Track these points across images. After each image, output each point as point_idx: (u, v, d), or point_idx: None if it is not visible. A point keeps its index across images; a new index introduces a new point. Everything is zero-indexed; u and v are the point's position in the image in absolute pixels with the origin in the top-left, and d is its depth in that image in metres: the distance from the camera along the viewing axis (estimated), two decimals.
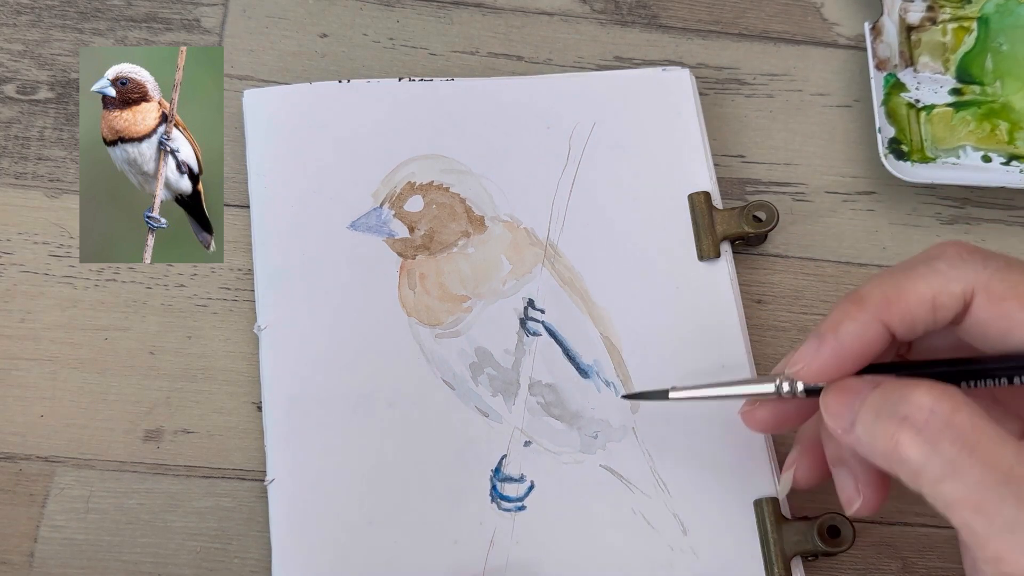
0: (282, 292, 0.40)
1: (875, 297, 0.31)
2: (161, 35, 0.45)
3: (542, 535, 0.37)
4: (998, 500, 0.27)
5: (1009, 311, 0.30)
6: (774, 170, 0.45)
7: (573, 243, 0.41)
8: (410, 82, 0.44)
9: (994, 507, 0.27)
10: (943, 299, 0.30)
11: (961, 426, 0.28)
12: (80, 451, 0.38)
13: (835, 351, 0.31)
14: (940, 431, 0.28)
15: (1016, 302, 0.30)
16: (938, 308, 0.31)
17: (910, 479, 0.28)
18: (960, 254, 0.31)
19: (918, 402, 0.28)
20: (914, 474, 0.28)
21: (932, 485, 0.28)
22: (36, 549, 0.37)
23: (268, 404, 0.38)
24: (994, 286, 0.30)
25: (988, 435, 0.28)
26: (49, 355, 0.40)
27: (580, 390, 0.39)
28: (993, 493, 0.27)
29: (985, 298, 0.30)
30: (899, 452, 0.28)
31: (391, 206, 0.41)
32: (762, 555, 0.37)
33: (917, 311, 0.31)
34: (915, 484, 0.28)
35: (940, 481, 0.28)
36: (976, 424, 0.28)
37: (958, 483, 0.27)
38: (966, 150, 0.44)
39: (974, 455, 0.27)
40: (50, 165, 0.42)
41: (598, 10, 0.47)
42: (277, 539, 0.36)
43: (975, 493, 0.27)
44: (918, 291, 0.31)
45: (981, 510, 0.27)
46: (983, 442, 0.27)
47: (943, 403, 0.28)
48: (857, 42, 0.47)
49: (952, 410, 0.28)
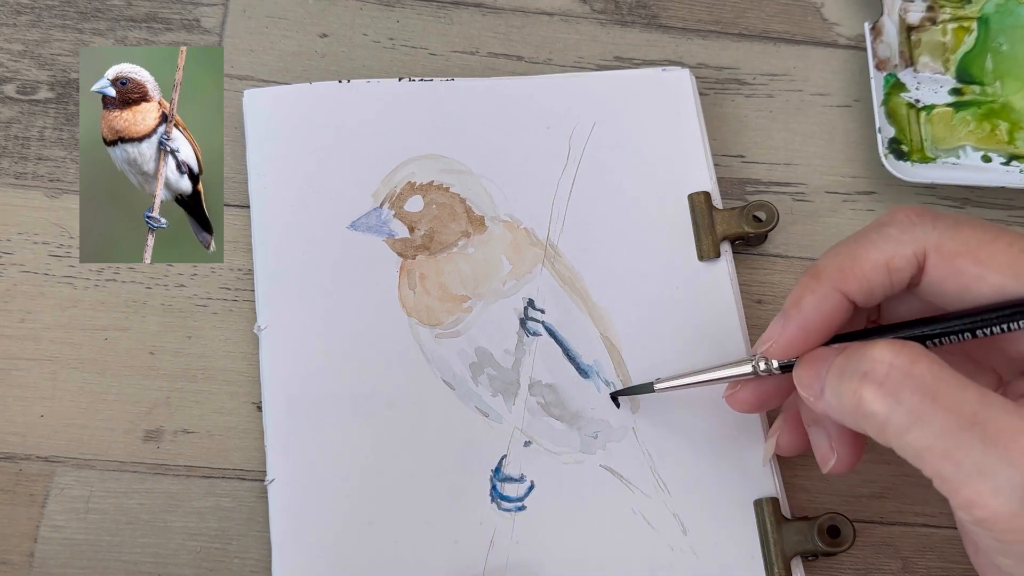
0: (282, 292, 0.40)
1: (831, 268, 0.32)
2: (161, 35, 0.45)
3: (542, 535, 0.37)
4: (964, 445, 0.27)
5: (962, 267, 0.30)
6: (774, 170, 0.45)
7: (573, 243, 0.41)
8: (410, 82, 0.44)
9: (961, 452, 0.27)
10: (897, 263, 0.31)
11: (921, 375, 0.28)
12: (80, 451, 0.38)
13: (799, 325, 0.32)
14: (901, 382, 0.28)
15: (968, 258, 0.30)
16: (893, 272, 0.31)
17: (878, 433, 0.29)
18: (910, 217, 0.31)
19: (878, 357, 0.29)
20: (880, 428, 0.28)
21: (899, 437, 0.28)
22: (36, 549, 0.37)
23: (268, 404, 0.38)
24: (945, 245, 0.30)
25: (949, 382, 0.28)
26: (49, 355, 0.40)
27: (580, 390, 0.39)
28: (959, 438, 0.27)
29: (937, 257, 0.31)
30: (863, 407, 0.28)
31: (391, 206, 0.41)
32: (762, 555, 0.37)
33: (873, 277, 0.31)
34: (883, 438, 0.29)
35: (906, 431, 0.28)
36: (936, 372, 0.28)
37: (923, 431, 0.27)
38: (966, 150, 0.44)
39: (936, 402, 0.27)
40: (50, 165, 0.42)
41: (598, 10, 0.47)
42: (277, 539, 0.37)
43: (941, 440, 0.27)
44: (871, 258, 0.31)
45: (949, 456, 0.27)
46: (944, 389, 0.28)
47: (902, 356, 0.28)
48: (857, 42, 0.47)
49: (911, 361, 0.28)
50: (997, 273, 0.30)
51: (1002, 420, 0.27)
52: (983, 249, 0.30)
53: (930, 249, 0.31)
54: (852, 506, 0.39)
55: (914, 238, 0.31)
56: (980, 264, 0.30)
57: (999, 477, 0.26)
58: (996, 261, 0.30)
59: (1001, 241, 0.30)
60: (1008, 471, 0.26)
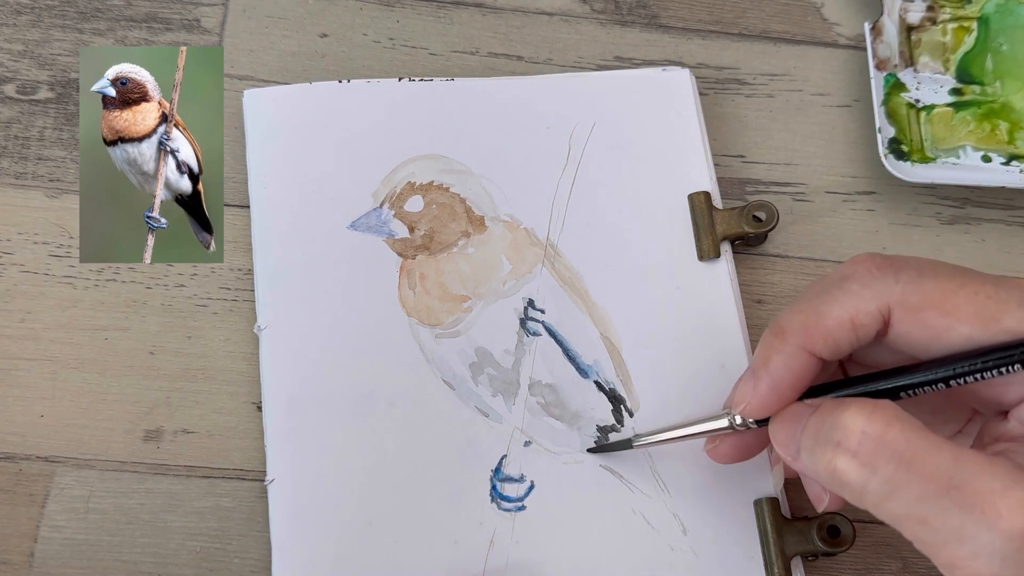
0: (282, 292, 0.40)
1: (794, 327, 0.31)
2: (161, 35, 0.45)
3: (542, 535, 0.37)
4: (942, 512, 0.27)
5: (928, 320, 0.30)
6: (774, 170, 0.45)
7: (573, 243, 0.41)
8: (410, 82, 0.44)
9: (939, 519, 0.27)
10: (861, 319, 0.30)
11: (894, 442, 0.28)
12: (80, 451, 0.38)
13: (770, 386, 0.31)
14: (874, 452, 0.28)
15: (933, 311, 0.30)
16: (858, 328, 0.31)
17: (855, 501, 0.29)
18: (870, 271, 0.31)
19: (850, 425, 0.28)
20: (858, 497, 0.28)
21: (876, 506, 0.28)
22: (36, 549, 0.37)
23: (268, 404, 0.38)
24: (909, 299, 0.30)
25: (923, 447, 0.27)
26: (49, 355, 0.40)
27: (580, 390, 0.39)
28: (935, 505, 0.27)
29: (902, 312, 0.30)
30: (839, 477, 0.28)
31: (391, 206, 0.41)
32: (762, 555, 0.37)
33: (838, 335, 0.31)
34: (861, 505, 0.29)
35: (883, 501, 0.28)
36: (909, 438, 0.28)
37: (900, 500, 0.27)
38: (966, 150, 0.44)
39: (911, 470, 0.27)
40: (50, 165, 0.42)
41: (598, 10, 0.47)
42: (277, 539, 0.37)
43: (918, 508, 0.27)
44: (835, 315, 0.31)
45: (927, 523, 0.27)
46: (919, 455, 0.27)
47: (874, 422, 0.28)
48: (857, 42, 0.47)
49: (884, 427, 0.28)
50: (964, 323, 0.29)
51: (978, 482, 0.27)
52: (948, 300, 0.30)
53: (894, 304, 0.30)
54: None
55: (877, 293, 0.30)
56: (946, 316, 0.29)
57: (979, 541, 0.26)
58: (962, 312, 0.29)
59: (966, 290, 0.30)
60: (987, 535, 0.26)
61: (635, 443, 0.36)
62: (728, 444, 0.35)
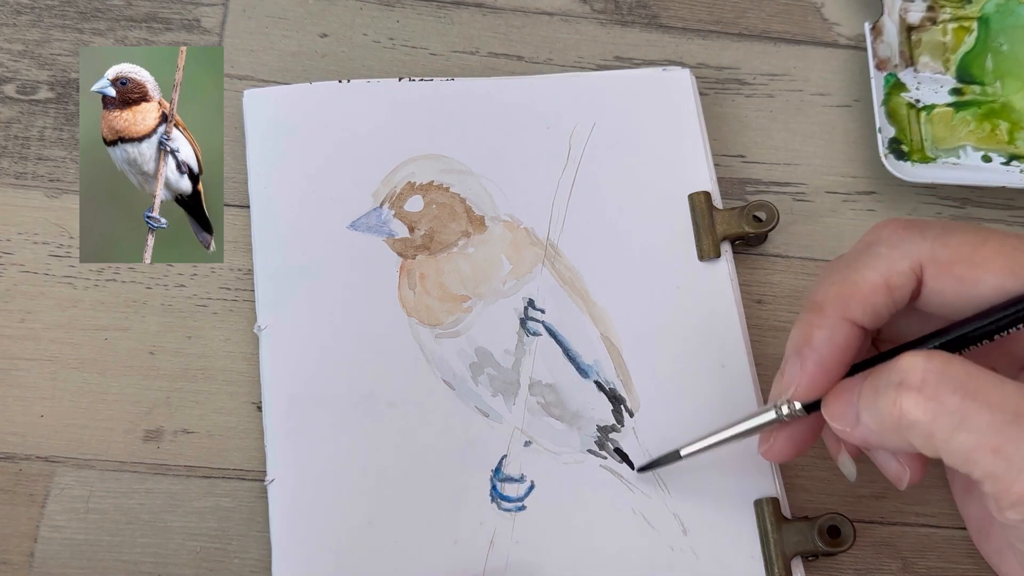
0: (282, 292, 0.40)
1: (831, 298, 0.31)
2: (161, 35, 0.45)
3: (542, 535, 0.37)
4: (1014, 438, 0.27)
5: (960, 274, 0.30)
6: (774, 170, 0.45)
7: (573, 243, 0.41)
8: (410, 82, 0.44)
9: (1012, 445, 0.27)
10: (895, 280, 0.31)
11: (957, 375, 0.28)
12: (80, 451, 0.38)
13: (817, 363, 0.31)
14: (939, 385, 0.28)
15: (964, 264, 0.30)
16: (894, 289, 0.31)
17: (924, 443, 0.28)
18: (896, 232, 0.31)
19: (909, 366, 0.28)
20: (926, 436, 0.28)
21: (946, 441, 0.28)
22: (36, 549, 0.37)
23: (268, 404, 0.38)
24: (939, 254, 0.30)
25: (986, 380, 0.28)
26: (49, 355, 0.40)
27: (580, 390, 0.39)
28: (1007, 432, 0.27)
29: (934, 268, 0.30)
30: (905, 417, 0.28)
31: (391, 206, 0.41)
32: (762, 555, 0.37)
33: (875, 299, 0.31)
34: (930, 447, 0.28)
35: (952, 434, 0.27)
36: (971, 372, 0.28)
37: (970, 431, 0.27)
38: (966, 150, 0.44)
39: (978, 399, 0.27)
40: (50, 165, 0.42)
41: (598, 10, 0.47)
42: (277, 539, 0.36)
43: (989, 436, 0.27)
44: (869, 280, 0.31)
45: (999, 451, 0.27)
46: (983, 387, 0.27)
47: (933, 360, 0.28)
48: (857, 42, 0.47)
49: (944, 363, 0.28)
50: (995, 274, 0.30)
51: None
52: (977, 253, 0.30)
53: (925, 261, 0.30)
54: (852, 506, 0.39)
55: (906, 252, 0.31)
56: (977, 268, 0.30)
57: None
58: (992, 263, 0.30)
59: (992, 242, 0.30)
60: None
61: (683, 453, 0.36)
62: (783, 440, 0.34)
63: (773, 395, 0.34)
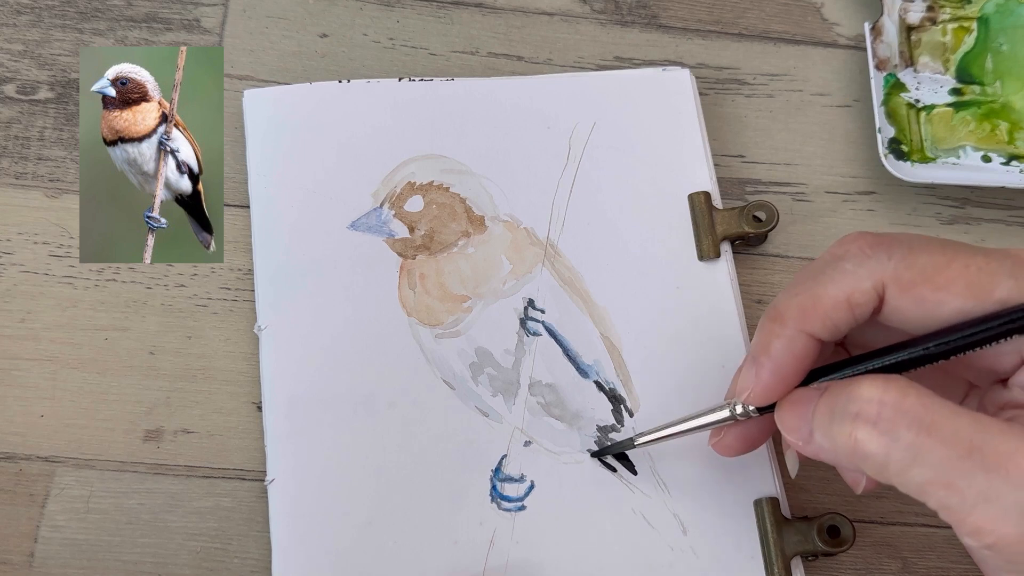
0: (282, 292, 0.40)
1: (792, 310, 0.31)
2: (161, 35, 0.45)
3: (542, 535, 0.37)
4: (966, 474, 0.27)
5: (921, 295, 0.30)
6: (774, 170, 0.45)
7: (573, 243, 0.41)
8: (410, 82, 0.44)
9: (964, 481, 0.27)
10: (857, 298, 0.31)
11: (913, 409, 0.28)
12: (80, 451, 0.38)
13: (772, 371, 0.31)
14: (894, 419, 0.28)
15: (926, 286, 0.30)
16: (854, 307, 0.31)
17: (877, 473, 0.29)
18: (863, 249, 0.31)
19: (866, 396, 0.28)
20: (881, 467, 0.28)
21: (899, 475, 0.28)
22: (36, 549, 0.37)
23: (268, 404, 0.38)
24: (902, 275, 0.30)
25: (942, 412, 0.28)
26: (49, 355, 0.40)
27: (580, 390, 0.39)
28: (959, 468, 0.27)
29: (897, 289, 0.30)
30: (860, 449, 0.28)
31: (391, 206, 0.41)
32: (762, 555, 0.37)
33: (835, 315, 0.31)
34: (884, 477, 0.28)
35: (907, 469, 0.28)
36: (927, 404, 0.28)
37: (924, 466, 0.27)
38: (966, 150, 0.44)
39: (932, 435, 0.27)
40: (50, 165, 0.42)
41: (598, 10, 0.47)
42: (277, 539, 0.37)
43: (942, 472, 0.27)
44: (831, 295, 0.31)
45: (952, 487, 0.27)
46: (938, 420, 0.27)
47: (890, 392, 0.28)
48: (857, 42, 0.47)
49: (900, 396, 0.28)
50: (957, 297, 0.29)
51: (999, 444, 0.27)
52: (940, 275, 0.30)
53: (888, 280, 0.30)
54: (852, 506, 0.39)
55: (871, 271, 0.30)
56: (939, 290, 0.30)
57: (1004, 501, 0.26)
58: (954, 285, 0.29)
59: (957, 263, 0.30)
60: (1013, 494, 0.26)
61: (636, 442, 0.36)
62: (733, 436, 0.35)
63: (728, 394, 0.34)
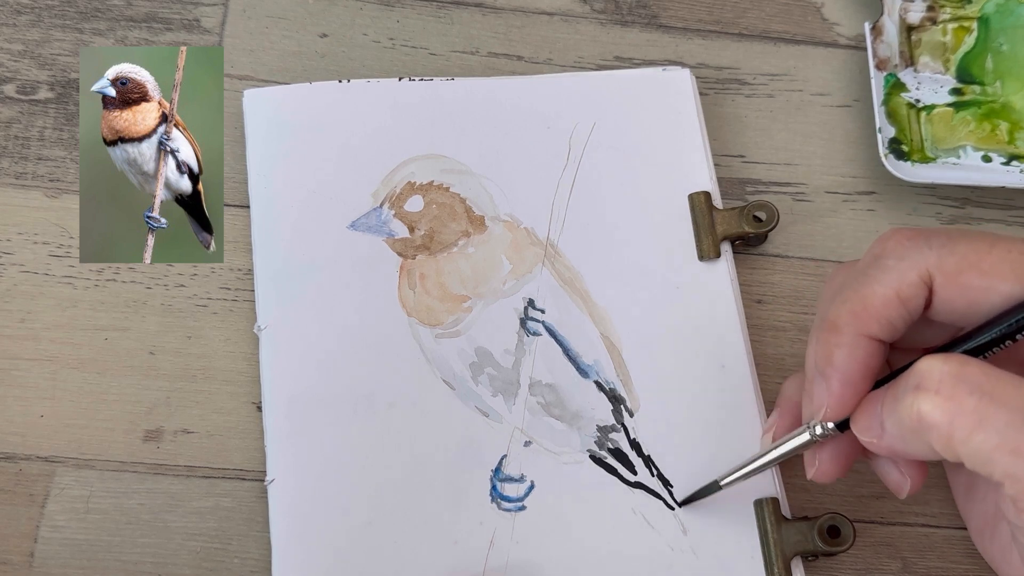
0: (282, 292, 0.40)
1: (845, 317, 0.31)
2: (161, 35, 0.45)
3: (542, 535, 0.37)
4: None
5: (968, 282, 0.30)
6: (774, 170, 0.45)
7: (573, 243, 0.41)
8: (410, 82, 0.44)
9: None
10: (906, 292, 0.31)
11: (974, 377, 0.28)
12: (80, 451, 0.38)
13: (842, 382, 0.31)
14: (955, 386, 0.28)
15: (972, 272, 0.30)
16: (906, 301, 0.31)
17: (943, 445, 0.28)
18: (901, 243, 0.31)
19: (926, 368, 0.28)
20: (946, 438, 0.28)
21: (964, 442, 0.28)
22: (36, 549, 0.37)
23: (268, 404, 0.38)
24: (946, 262, 0.30)
25: (1003, 380, 0.28)
26: (49, 355, 0.40)
27: (580, 390, 0.39)
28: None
29: (943, 278, 0.30)
30: (924, 420, 0.28)
31: (391, 206, 0.41)
32: (762, 555, 0.37)
33: (889, 312, 0.31)
34: (950, 449, 0.28)
35: (971, 435, 0.27)
36: (988, 372, 0.28)
37: (989, 431, 0.27)
38: (966, 150, 0.44)
39: (995, 399, 0.27)
40: (50, 165, 0.42)
41: (598, 10, 0.47)
42: (277, 539, 0.37)
43: (1008, 436, 0.27)
44: (880, 294, 0.31)
45: (1019, 452, 0.27)
46: (1000, 387, 0.27)
47: (950, 362, 0.28)
48: (857, 42, 0.47)
49: (960, 365, 0.28)
50: (1004, 281, 0.29)
51: None
52: (983, 260, 0.30)
53: (933, 270, 0.30)
54: (852, 506, 0.39)
55: (914, 263, 0.30)
56: (985, 276, 0.30)
57: None
58: (999, 270, 0.30)
59: (998, 248, 0.30)
60: None
61: (722, 483, 0.36)
62: (827, 459, 0.34)
63: (805, 416, 0.33)
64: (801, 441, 0.33)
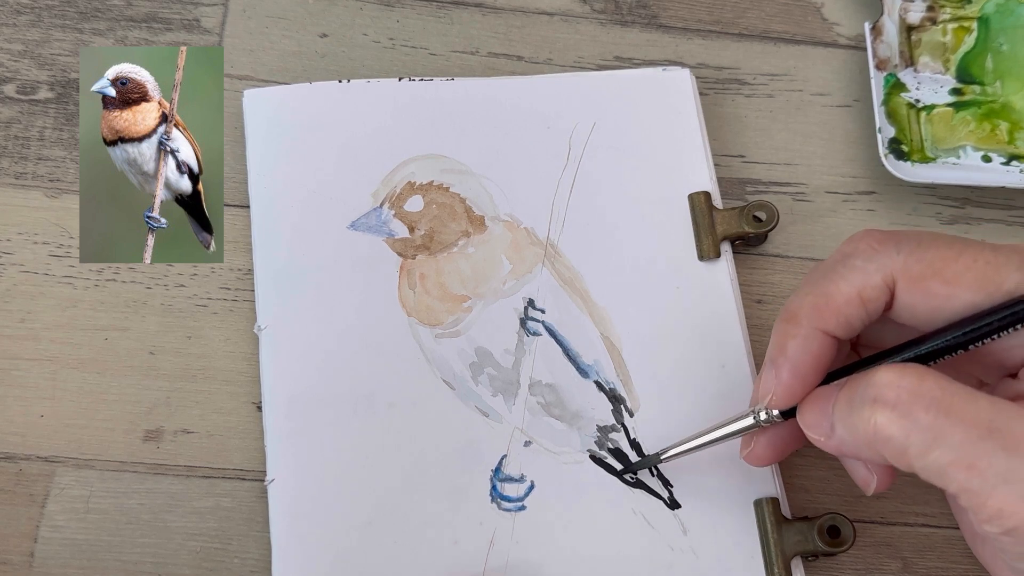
0: (282, 292, 0.40)
1: (805, 310, 0.31)
2: (161, 35, 0.45)
3: (542, 535, 0.37)
4: (987, 453, 0.27)
5: (931, 289, 0.30)
6: (774, 170, 0.45)
7: (573, 243, 0.41)
8: (410, 82, 0.44)
9: (985, 461, 0.27)
10: (868, 293, 0.31)
11: (931, 392, 0.28)
12: (80, 451, 0.38)
13: (791, 371, 0.32)
14: (912, 402, 0.28)
15: (936, 280, 0.30)
16: (867, 302, 0.31)
17: (898, 459, 0.29)
18: (871, 246, 0.31)
19: (884, 381, 0.28)
20: (901, 452, 0.28)
21: (920, 457, 0.28)
22: (36, 549, 0.37)
23: (268, 404, 0.38)
24: (911, 268, 0.30)
25: (959, 395, 0.28)
26: (49, 355, 0.40)
27: (580, 390, 0.39)
28: (980, 448, 0.27)
29: (906, 282, 0.31)
30: (880, 433, 0.28)
31: (391, 206, 0.41)
32: (762, 555, 0.37)
33: (848, 311, 0.31)
34: (905, 462, 0.28)
35: (927, 451, 0.28)
36: (944, 387, 0.28)
37: (944, 447, 0.27)
38: (966, 150, 0.44)
39: (951, 415, 0.27)
40: (50, 165, 0.42)
41: (598, 10, 0.47)
42: (277, 539, 0.37)
43: (963, 452, 0.27)
44: (843, 292, 0.31)
45: (973, 467, 0.27)
46: (956, 402, 0.28)
47: (907, 376, 0.28)
48: (857, 42, 0.47)
49: (918, 380, 0.28)
50: (966, 290, 0.30)
51: (1018, 426, 0.27)
52: (948, 268, 0.30)
53: (897, 274, 0.31)
54: (852, 506, 0.39)
55: (880, 266, 0.31)
56: (948, 284, 0.30)
57: None
58: (963, 279, 0.30)
59: (965, 257, 0.30)
60: None
61: (663, 456, 0.36)
62: (762, 444, 0.35)
63: (752, 401, 0.34)
64: (744, 424, 0.34)
